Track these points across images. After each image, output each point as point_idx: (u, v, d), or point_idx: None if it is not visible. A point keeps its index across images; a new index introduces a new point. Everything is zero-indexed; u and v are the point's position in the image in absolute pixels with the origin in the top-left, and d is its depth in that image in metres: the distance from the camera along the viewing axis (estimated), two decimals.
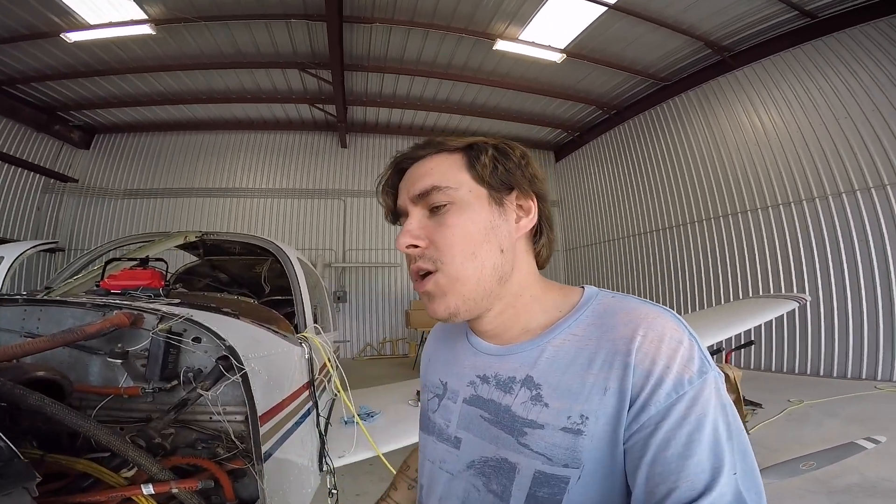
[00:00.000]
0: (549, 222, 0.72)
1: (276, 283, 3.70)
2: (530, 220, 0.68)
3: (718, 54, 7.96)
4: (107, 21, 6.84)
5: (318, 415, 2.10)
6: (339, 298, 10.96)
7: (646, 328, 0.56)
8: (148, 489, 1.01)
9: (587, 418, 0.56)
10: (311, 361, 2.19)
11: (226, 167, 11.40)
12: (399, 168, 0.72)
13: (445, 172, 0.66)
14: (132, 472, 1.05)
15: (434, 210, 0.66)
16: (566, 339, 0.62)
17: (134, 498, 1.01)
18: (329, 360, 2.46)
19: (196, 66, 8.49)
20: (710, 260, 8.54)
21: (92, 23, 6.84)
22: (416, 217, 0.67)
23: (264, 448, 1.35)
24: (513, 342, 0.67)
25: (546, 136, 12.49)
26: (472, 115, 11.01)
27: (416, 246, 0.65)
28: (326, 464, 2.02)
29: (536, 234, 0.71)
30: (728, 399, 0.55)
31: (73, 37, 7.09)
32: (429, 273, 0.65)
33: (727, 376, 3.28)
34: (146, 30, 7.11)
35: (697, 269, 8.81)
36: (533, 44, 7.90)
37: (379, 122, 11.63)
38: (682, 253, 9.16)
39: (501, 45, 7.88)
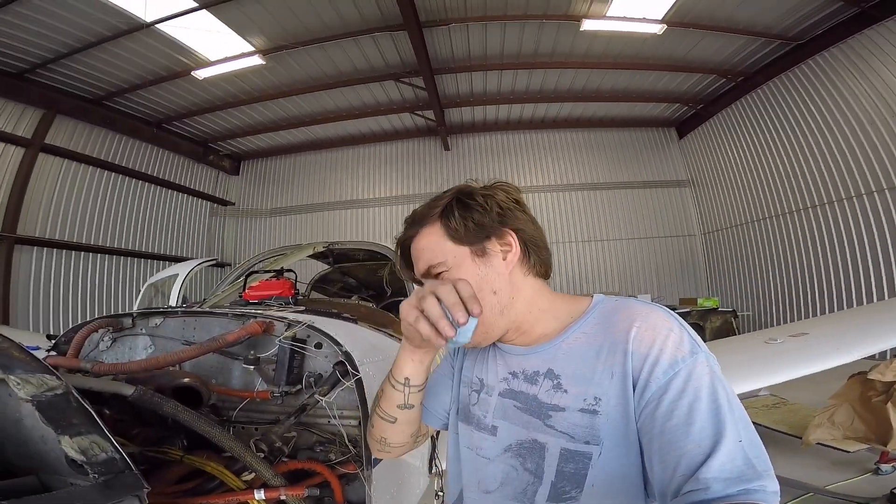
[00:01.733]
0: (535, 242, 0.81)
1: (397, 286, 3.91)
2: (514, 253, 0.79)
3: (855, 5, 6.59)
4: (223, 56, 8.03)
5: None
6: None
7: (640, 321, 0.68)
8: (259, 494, 1.10)
9: (600, 399, 0.67)
10: None
11: (348, 181, 12.58)
12: (404, 247, 0.86)
13: (433, 249, 0.79)
14: (251, 476, 1.15)
15: (437, 276, 0.78)
16: (578, 338, 0.74)
17: (248, 502, 1.10)
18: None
19: (306, 90, 9.48)
20: (889, 239, 6.90)
21: (212, 59, 8.07)
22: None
23: None
24: (534, 344, 0.79)
25: (663, 113, 11.41)
26: (572, 102, 10.52)
27: None
28: (435, 465, 2.04)
29: (527, 256, 0.80)
30: (723, 379, 0.61)
31: (202, 74, 8.44)
32: None
33: None
34: (257, 60, 8.19)
35: (873, 250, 7.20)
36: (624, 18, 7.28)
37: (476, 121, 11.73)
38: (849, 232, 7.53)
39: (589, 25, 7.39)
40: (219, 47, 7.81)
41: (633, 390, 0.64)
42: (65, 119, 8.65)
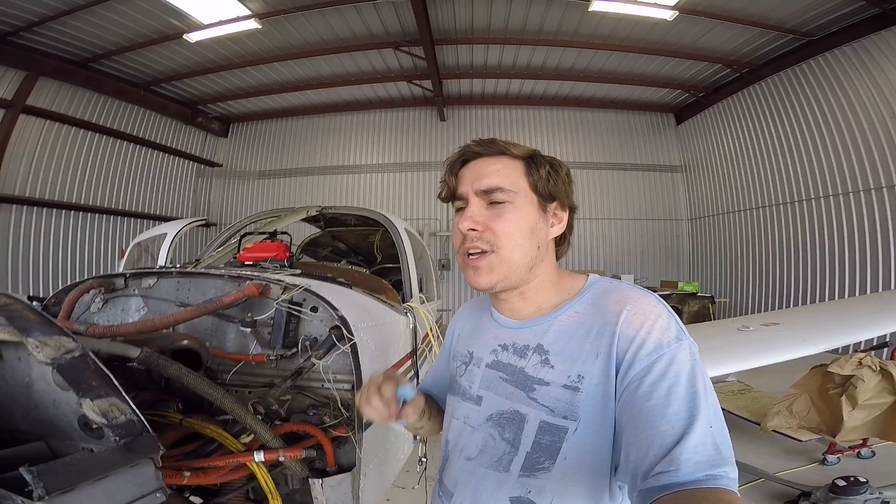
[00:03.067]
0: (571, 230, 0.88)
1: (388, 252, 3.92)
2: (560, 228, 0.84)
3: (876, 6, 6.47)
4: (217, 20, 7.65)
5: (418, 384, 2.19)
6: (443, 266, 11.34)
7: (631, 305, 0.71)
8: (259, 456, 1.13)
9: (583, 377, 0.70)
10: (414, 331, 2.25)
11: (340, 146, 12.31)
12: (464, 158, 0.85)
13: (509, 175, 0.80)
14: (250, 438, 1.18)
15: (492, 204, 0.79)
16: (570, 316, 0.77)
17: (247, 463, 1.14)
18: (431, 330, 2.50)
19: (302, 55, 9.12)
20: (868, 238, 7.05)
21: (205, 22, 7.69)
22: (477, 206, 0.80)
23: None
24: (528, 318, 0.82)
25: (663, 98, 11.31)
26: (572, 80, 10.33)
27: (475, 230, 0.79)
28: None
29: (561, 237, 0.86)
30: (702, 367, 0.64)
31: (194, 37, 8.05)
32: (482, 252, 0.78)
33: (892, 375, 2.75)
34: (252, 24, 7.81)
35: (851, 248, 7.36)
36: (636, 2, 7.09)
37: (474, 93, 11.51)
38: (830, 228, 7.70)
39: (598, 6, 7.18)
40: (213, 10, 7.42)
41: (617, 371, 0.67)
42: (48, 81, 8.30)
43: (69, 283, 1.72)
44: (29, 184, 8.16)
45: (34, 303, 1.67)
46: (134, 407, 0.69)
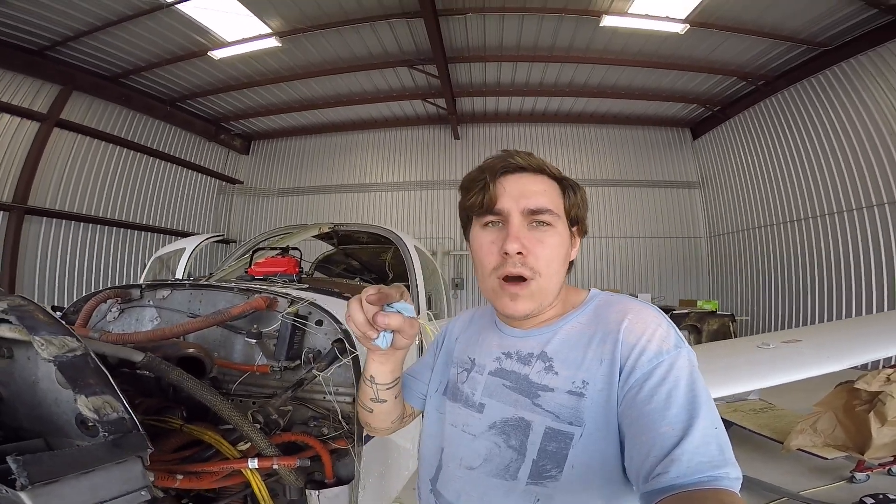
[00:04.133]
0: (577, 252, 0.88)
1: (399, 270, 3.92)
2: (576, 251, 0.86)
3: (891, 13, 6.39)
4: (240, 38, 8.03)
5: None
6: (456, 285, 11.34)
7: (633, 315, 0.73)
8: (253, 463, 1.14)
9: (587, 383, 0.70)
10: (421, 347, 2.25)
11: (357, 164, 12.58)
12: (505, 168, 0.79)
13: (555, 198, 0.79)
14: (247, 446, 1.18)
15: (535, 225, 0.77)
16: (574, 326, 0.79)
17: (241, 470, 1.14)
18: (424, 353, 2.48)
19: (321, 73, 9.46)
20: (894, 252, 6.83)
21: (229, 40, 8.08)
22: (520, 226, 0.76)
23: None
24: (533, 328, 0.83)
25: (679, 113, 11.27)
26: (586, 97, 10.38)
27: (521, 253, 0.75)
28: None
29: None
30: (699, 374, 0.66)
31: (218, 54, 8.45)
32: (523, 279, 0.75)
33: None
34: (273, 42, 8.17)
35: (877, 262, 7.15)
36: (647, 16, 7.14)
37: (487, 111, 11.64)
38: (855, 243, 7.50)
39: (609, 21, 7.26)
40: (236, 28, 7.80)
41: (619, 376, 0.68)
42: (81, 95, 8.76)
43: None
44: (59, 197, 8.54)
45: (57, 313, 1.75)
46: (127, 406, 0.70)
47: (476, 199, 0.78)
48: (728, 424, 3.57)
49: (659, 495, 0.54)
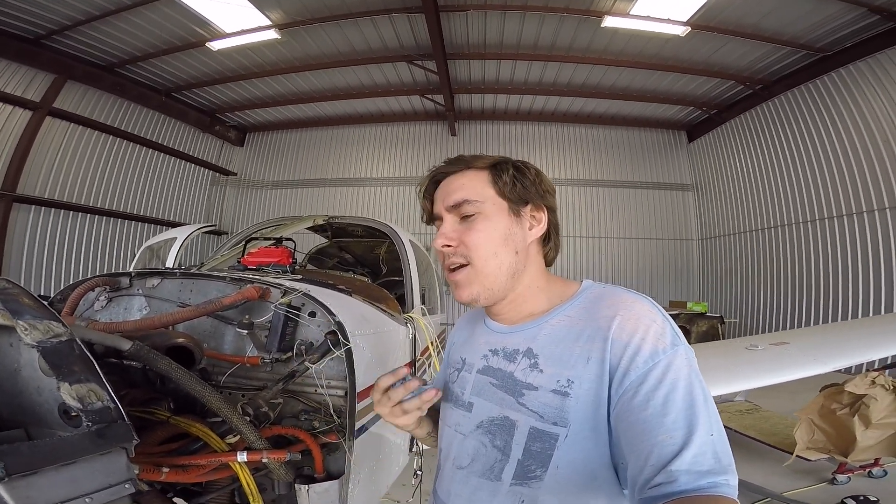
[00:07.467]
0: (556, 230, 0.87)
1: (393, 265, 3.88)
2: (540, 229, 0.84)
3: (891, 20, 6.44)
4: (239, 29, 7.90)
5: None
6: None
7: (625, 310, 0.69)
8: (242, 456, 1.12)
9: (573, 382, 0.68)
10: (414, 342, 2.23)
11: (352, 159, 12.48)
12: (435, 180, 0.86)
13: (475, 187, 0.81)
14: (236, 439, 1.16)
15: (464, 218, 0.81)
16: (561, 320, 0.76)
17: (230, 463, 1.12)
18: (432, 343, 2.47)
19: (319, 66, 9.34)
20: (883, 258, 6.94)
21: (227, 31, 7.95)
22: (450, 222, 0.82)
23: (359, 423, 1.40)
24: (519, 323, 0.82)
25: (675, 115, 11.31)
26: (584, 97, 10.38)
27: (449, 245, 0.81)
28: (416, 445, 2.09)
29: (546, 239, 0.86)
30: (699, 374, 0.62)
31: (216, 45, 8.32)
32: (460, 266, 0.80)
33: None
34: (272, 34, 8.05)
35: (865, 268, 7.24)
36: (648, 18, 7.14)
37: (485, 108, 11.61)
38: (844, 248, 7.58)
39: (610, 22, 7.25)
40: (235, 19, 7.68)
41: (611, 378, 0.65)
42: (75, 84, 8.62)
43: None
44: (49, 185, 8.38)
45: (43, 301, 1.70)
46: (113, 395, 0.68)
47: (425, 216, 0.89)
48: None
49: (656, 502, 0.54)
